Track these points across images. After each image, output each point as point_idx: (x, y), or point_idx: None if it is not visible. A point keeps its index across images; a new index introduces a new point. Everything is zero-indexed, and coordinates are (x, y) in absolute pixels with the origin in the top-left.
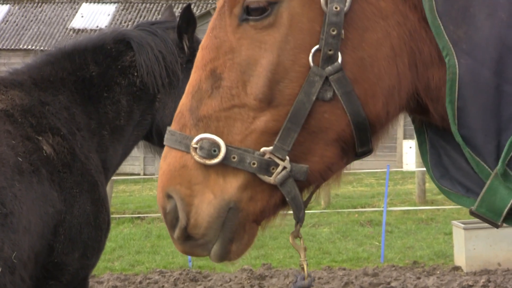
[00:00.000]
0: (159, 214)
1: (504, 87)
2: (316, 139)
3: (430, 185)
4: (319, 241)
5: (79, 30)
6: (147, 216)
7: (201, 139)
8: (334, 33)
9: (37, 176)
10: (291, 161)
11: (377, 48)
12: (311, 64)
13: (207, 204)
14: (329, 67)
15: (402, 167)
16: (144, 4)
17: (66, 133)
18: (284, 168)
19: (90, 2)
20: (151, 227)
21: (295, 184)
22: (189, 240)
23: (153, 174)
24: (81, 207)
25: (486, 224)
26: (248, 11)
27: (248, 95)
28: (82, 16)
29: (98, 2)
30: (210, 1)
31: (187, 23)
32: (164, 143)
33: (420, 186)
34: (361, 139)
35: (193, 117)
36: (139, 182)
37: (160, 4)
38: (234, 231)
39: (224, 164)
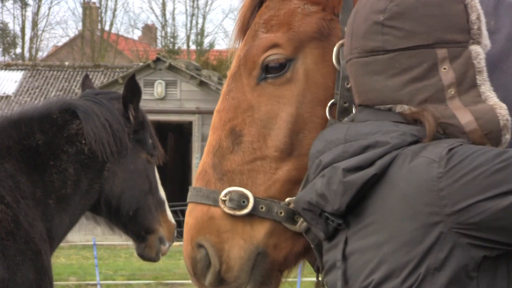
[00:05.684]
0: (68, 282)
1: None
2: None
3: None
4: None
5: None
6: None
7: (230, 191)
8: (348, 86)
9: None
10: None
11: None
12: (328, 116)
13: (238, 248)
14: (346, 119)
15: None
16: (51, 72)
17: (10, 201)
18: None
19: None
20: None
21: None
22: (221, 285)
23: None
24: (24, 275)
25: None
26: (267, 69)
27: (269, 148)
28: None
29: (6, 69)
30: (118, 69)
31: (132, 93)
32: (188, 200)
33: None
34: None
35: (216, 172)
36: None
37: (68, 72)
38: (264, 274)
39: (251, 214)
